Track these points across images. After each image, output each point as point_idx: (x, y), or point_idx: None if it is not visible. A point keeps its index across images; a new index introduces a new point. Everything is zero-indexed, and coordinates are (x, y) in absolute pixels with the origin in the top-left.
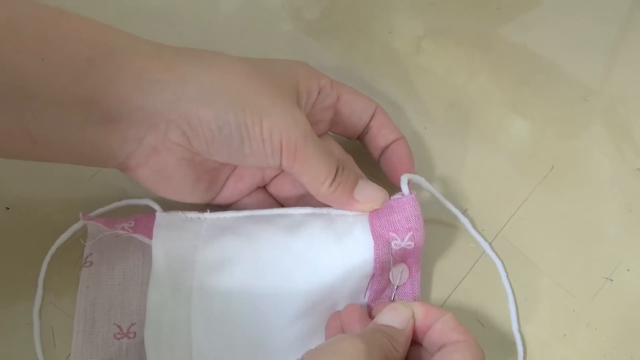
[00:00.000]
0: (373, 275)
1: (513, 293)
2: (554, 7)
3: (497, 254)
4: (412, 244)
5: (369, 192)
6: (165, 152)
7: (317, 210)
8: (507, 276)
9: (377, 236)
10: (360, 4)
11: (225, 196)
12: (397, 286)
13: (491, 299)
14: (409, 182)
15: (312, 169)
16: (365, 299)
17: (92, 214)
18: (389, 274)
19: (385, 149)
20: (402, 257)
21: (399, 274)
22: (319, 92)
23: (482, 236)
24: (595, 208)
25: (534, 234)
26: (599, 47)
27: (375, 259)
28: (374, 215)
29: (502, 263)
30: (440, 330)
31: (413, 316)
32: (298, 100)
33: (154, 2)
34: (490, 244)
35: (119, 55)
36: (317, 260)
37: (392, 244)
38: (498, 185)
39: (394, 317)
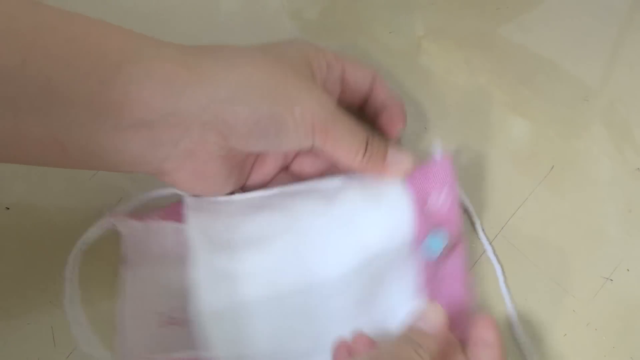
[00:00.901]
0: (415, 238)
1: (510, 296)
2: (554, 7)
3: (496, 255)
4: (448, 202)
5: (401, 158)
6: (202, 154)
7: (350, 179)
8: (505, 280)
9: (415, 193)
10: (360, 4)
11: (252, 182)
12: (441, 254)
13: (491, 299)
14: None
15: (345, 145)
16: (412, 265)
17: (116, 211)
18: (430, 242)
19: (382, 107)
20: (440, 220)
21: (441, 240)
22: (327, 67)
23: (486, 236)
24: (595, 208)
25: (534, 234)
26: (599, 47)
27: (415, 218)
28: (408, 177)
29: (501, 266)
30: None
31: (444, 317)
32: (314, 79)
33: (154, 2)
34: (490, 243)
35: (146, 60)
36: (358, 223)
37: (429, 202)
38: (498, 185)
39: (424, 321)
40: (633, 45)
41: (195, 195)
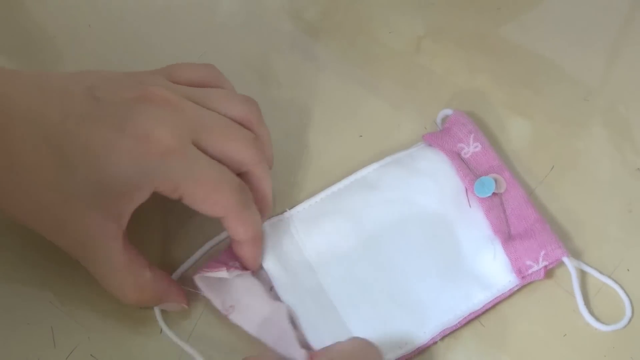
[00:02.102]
0: (465, 189)
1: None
2: (554, 7)
3: None
4: (479, 144)
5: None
6: None
7: (382, 162)
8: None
9: (446, 151)
10: (360, 4)
11: None
12: (496, 191)
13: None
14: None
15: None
16: (475, 213)
17: (187, 265)
18: (479, 186)
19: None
20: (481, 167)
21: (489, 180)
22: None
23: None
24: (595, 208)
25: None
26: (599, 47)
27: (457, 170)
28: (434, 138)
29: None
30: None
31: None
32: (120, 220)
33: (155, 2)
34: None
35: None
36: (410, 196)
37: (462, 153)
38: None
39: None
40: (633, 45)
41: None
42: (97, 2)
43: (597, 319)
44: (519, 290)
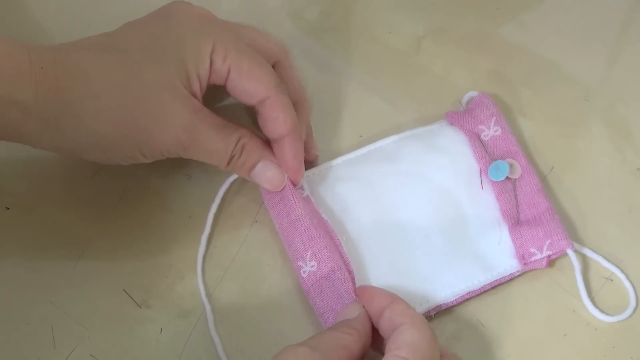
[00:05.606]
0: (480, 170)
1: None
2: (554, 7)
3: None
4: (499, 128)
5: (265, 176)
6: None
7: (402, 135)
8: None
9: (466, 131)
10: (360, 4)
11: None
12: (510, 176)
13: (491, 299)
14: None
15: (206, 157)
16: (487, 195)
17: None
18: (494, 169)
19: (274, 142)
20: (498, 150)
21: (504, 164)
22: (211, 64)
23: None
24: (595, 208)
25: None
26: (599, 47)
27: (473, 151)
28: (456, 117)
29: None
30: (389, 318)
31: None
32: (189, 80)
33: (155, 2)
34: None
35: None
36: (425, 171)
37: (482, 135)
38: None
39: (345, 312)
40: (633, 45)
41: None
42: (97, 2)
43: (601, 311)
44: (519, 290)
